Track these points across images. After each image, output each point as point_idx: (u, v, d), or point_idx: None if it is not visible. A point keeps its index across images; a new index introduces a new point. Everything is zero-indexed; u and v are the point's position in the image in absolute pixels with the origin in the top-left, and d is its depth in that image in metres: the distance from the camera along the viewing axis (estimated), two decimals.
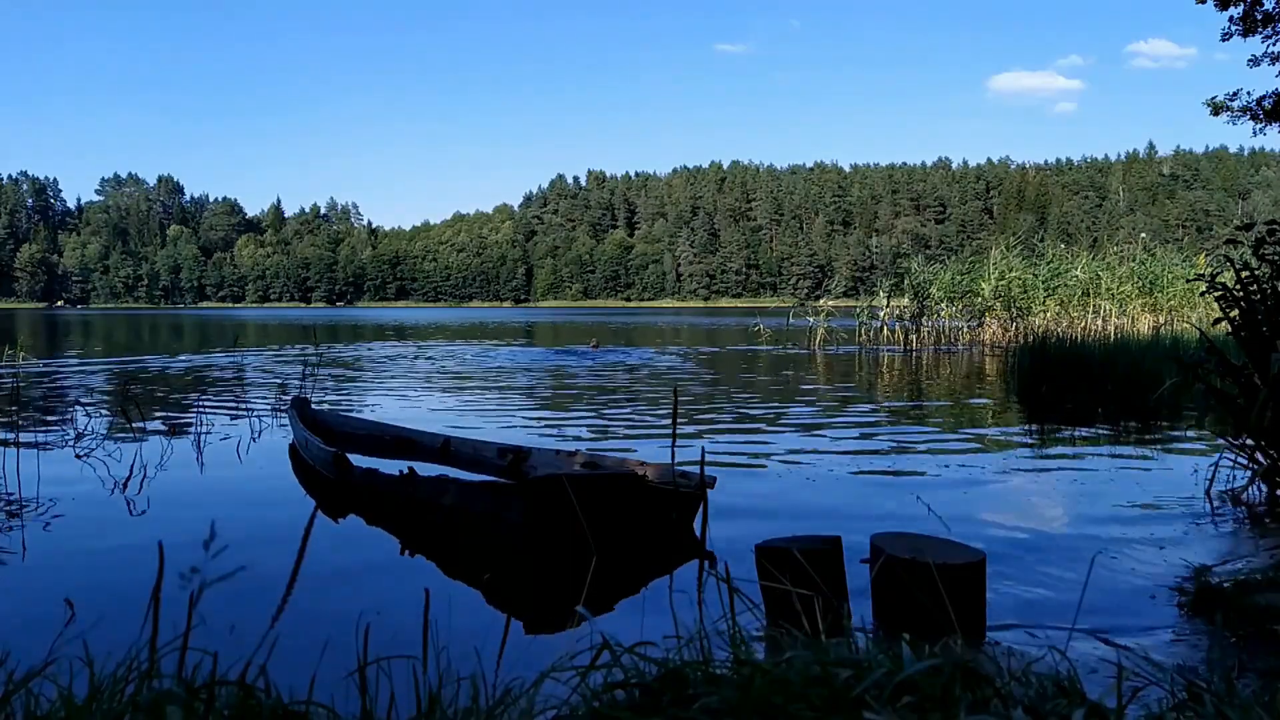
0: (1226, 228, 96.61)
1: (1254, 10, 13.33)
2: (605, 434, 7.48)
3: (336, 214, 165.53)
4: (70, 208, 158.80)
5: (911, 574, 2.72)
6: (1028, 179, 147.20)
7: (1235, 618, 2.88)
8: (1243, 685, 2.24)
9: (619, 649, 1.64)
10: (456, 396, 10.79)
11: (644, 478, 4.38)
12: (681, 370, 14.53)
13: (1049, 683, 1.56)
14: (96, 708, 1.45)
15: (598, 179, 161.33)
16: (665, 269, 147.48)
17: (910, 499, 4.94)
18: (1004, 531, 4.25)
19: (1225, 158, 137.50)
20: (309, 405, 7.34)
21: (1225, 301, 5.22)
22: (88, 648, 1.65)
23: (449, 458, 5.98)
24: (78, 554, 4.00)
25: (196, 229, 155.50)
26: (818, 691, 1.42)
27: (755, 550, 2.99)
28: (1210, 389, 5.30)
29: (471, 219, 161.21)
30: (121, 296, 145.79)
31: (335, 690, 1.66)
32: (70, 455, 6.30)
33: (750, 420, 8.38)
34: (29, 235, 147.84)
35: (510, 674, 1.72)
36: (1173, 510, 4.59)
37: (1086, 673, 1.92)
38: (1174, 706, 1.55)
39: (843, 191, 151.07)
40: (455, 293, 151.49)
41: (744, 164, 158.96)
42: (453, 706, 1.60)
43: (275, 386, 11.54)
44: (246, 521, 4.58)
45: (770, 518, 4.39)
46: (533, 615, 3.37)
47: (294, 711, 1.49)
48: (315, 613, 3.14)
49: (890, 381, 12.92)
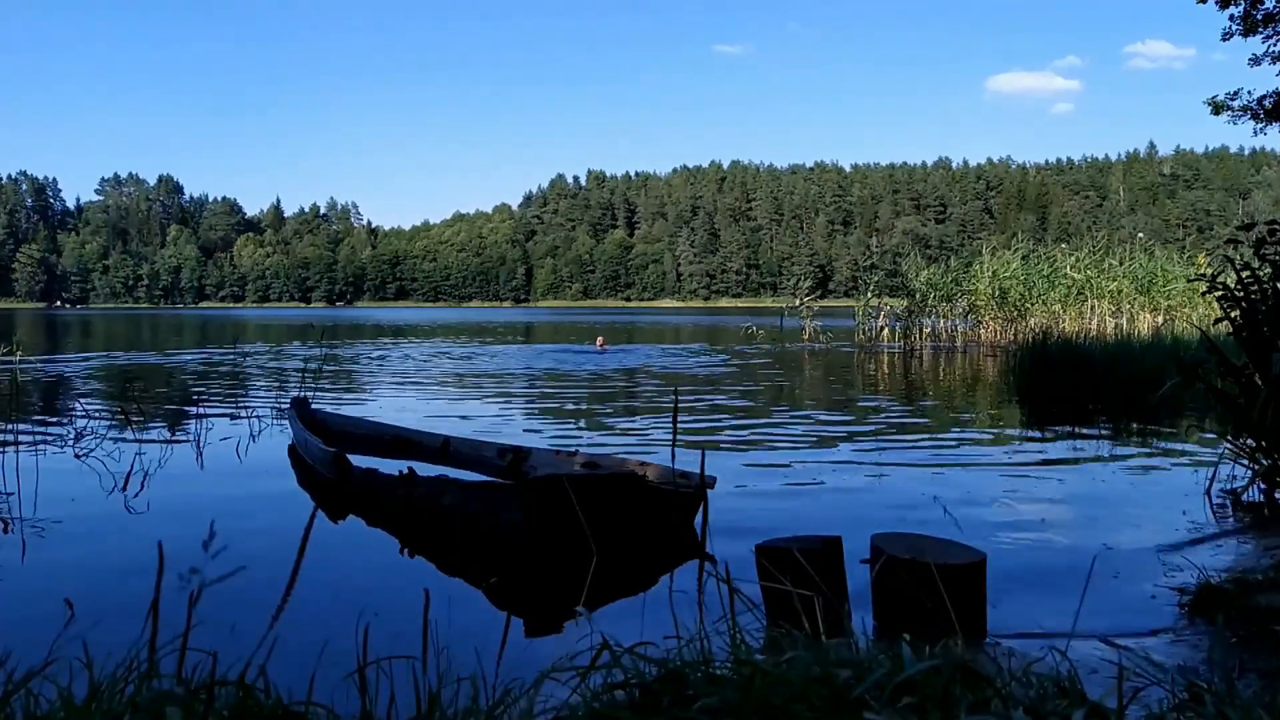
0: (1227, 228, 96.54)
1: (1254, 10, 13.33)
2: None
3: (336, 214, 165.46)
4: (70, 207, 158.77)
5: (912, 574, 2.72)
6: (1028, 179, 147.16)
7: (1236, 618, 2.88)
8: (1243, 685, 2.24)
9: (619, 649, 1.63)
10: (460, 398, 10.78)
11: (644, 478, 4.39)
12: (685, 369, 14.54)
13: (1049, 683, 1.56)
14: (96, 708, 1.44)
15: (598, 179, 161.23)
16: (665, 269, 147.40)
17: (910, 499, 4.94)
18: (1004, 531, 4.25)
19: (1226, 157, 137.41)
20: (308, 405, 7.33)
21: (1226, 301, 5.21)
22: (87, 648, 1.64)
23: (449, 458, 5.97)
24: (77, 554, 3.99)
25: (196, 229, 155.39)
26: (818, 692, 1.42)
27: (755, 550, 2.99)
28: (1211, 389, 5.29)
29: (471, 219, 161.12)
30: (121, 296, 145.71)
31: (335, 690, 1.66)
32: (70, 455, 6.30)
33: (750, 420, 8.37)
34: (28, 235, 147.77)
35: (510, 674, 1.72)
36: (1173, 510, 4.58)
37: (1087, 673, 1.91)
38: (1175, 707, 1.55)
39: (843, 191, 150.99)
40: (455, 293, 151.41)
41: (744, 164, 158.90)
42: (453, 707, 1.59)
43: (275, 386, 11.54)
44: (246, 522, 4.57)
45: (770, 518, 4.38)
46: (533, 615, 3.37)
47: (294, 712, 1.49)
48: (315, 613, 3.14)
49: (889, 381, 12.91)
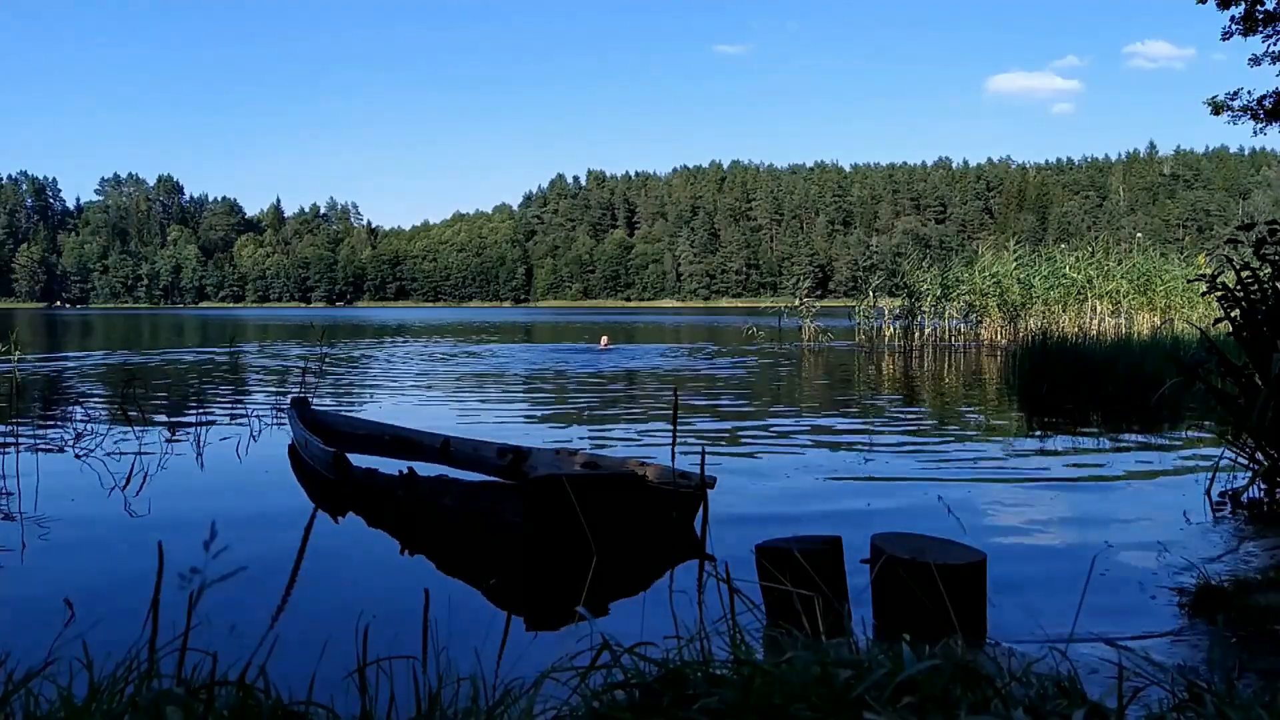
0: (1227, 228, 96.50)
1: (1254, 10, 13.33)
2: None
3: (336, 214, 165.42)
4: (70, 207, 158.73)
5: (912, 574, 2.72)
6: (1028, 179, 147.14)
7: (1236, 618, 2.88)
8: (1243, 685, 2.24)
9: (619, 649, 1.63)
10: (462, 399, 10.78)
11: (644, 478, 4.39)
12: (689, 368, 14.54)
13: (1049, 683, 1.56)
14: (96, 708, 1.44)
15: (598, 179, 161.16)
16: (665, 269, 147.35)
17: (910, 499, 4.94)
18: (1004, 531, 4.25)
19: (1226, 158, 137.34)
20: (308, 405, 7.34)
21: (1226, 301, 5.21)
22: (87, 648, 1.64)
23: (449, 458, 5.98)
24: (77, 554, 3.99)
25: (196, 229, 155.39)
26: (818, 692, 1.42)
27: (755, 550, 2.99)
28: (1211, 389, 5.29)
29: (471, 219, 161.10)
30: (121, 296, 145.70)
31: (335, 690, 1.66)
32: (70, 455, 6.30)
33: (750, 420, 8.37)
34: (28, 235, 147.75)
35: (510, 674, 1.72)
36: (1173, 510, 4.58)
37: (1087, 673, 1.91)
38: (1175, 707, 1.55)
39: (843, 191, 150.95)
40: (455, 293, 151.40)
41: (744, 164, 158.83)
42: (453, 707, 1.59)
43: (275, 386, 11.54)
44: (246, 521, 4.57)
45: (770, 518, 4.39)
46: (533, 615, 3.37)
47: (294, 711, 1.49)
48: (315, 613, 3.14)
49: (889, 381, 12.91)
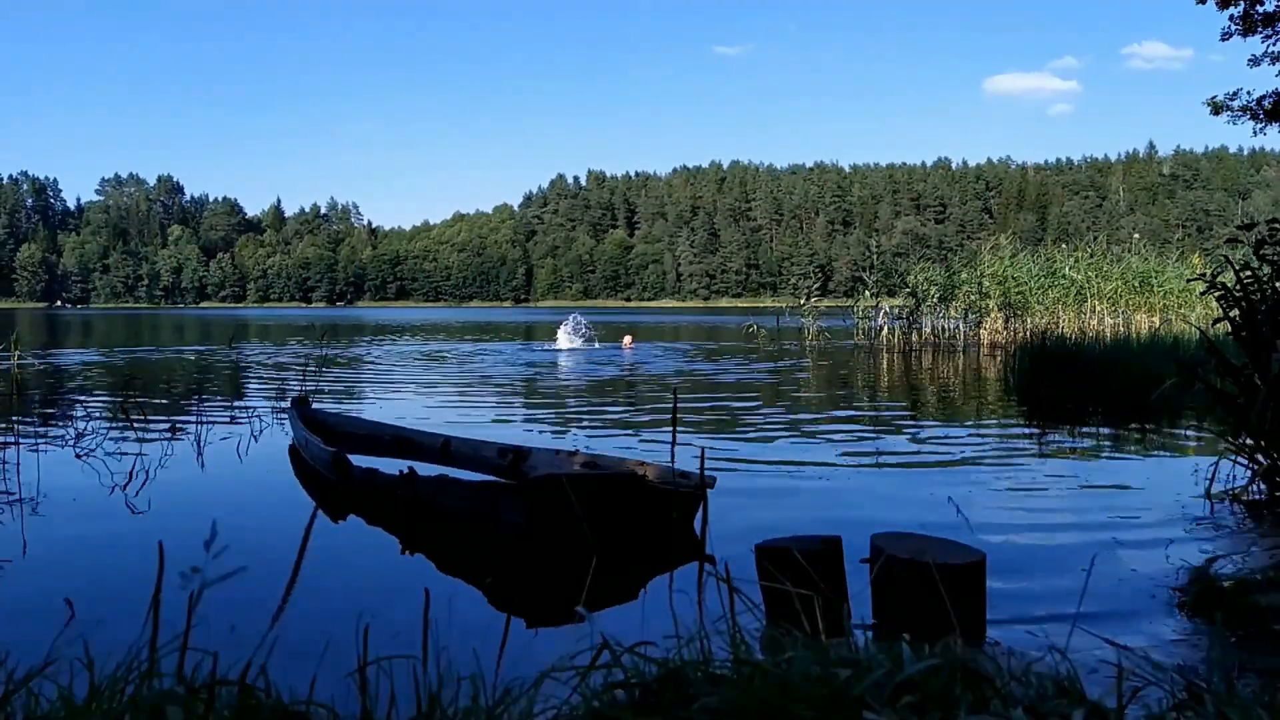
0: (1227, 228, 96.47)
1: (1254, 10, 13.32)
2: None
3: (336, 214, 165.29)
4: (70, 207, 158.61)
5: (912, 574, 2.72)
6: (1027, 179, 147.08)
7: (1235, 618, 2.88)
8: (1243, 685, 2.24)
9: (619, 649, 1.64)
10: (464, 399, 10.77)
11: (644, 478, 4.39)
12: (693, 368, 14.53)
13: (1049, 683, 1.56)
14: (96, 708, 1.45)
15: (598, 179, 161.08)
16: (665, 269, 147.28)
17: (910, 498, 4.94)
18: (1004, 531, 4.25)
19: (1225, 158, 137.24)
20: (309, 405, 7.34)
21: (1226, 301, 5.21)
22: (87, 648, 1.64)
23: (449, 458, 5.97)
24: (78, 554, 4.00)
25: (197, 229, 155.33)
26: (818, 691, 1.42)
27: (755, 550, 2.99)
28: (1210, 389, 5.29)
29: (472, 219, 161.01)
30: (122, 296, 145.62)
31: (335, 690, 1.66)
32: (70, 454, 6.30)
33: (749, 420, 8.37)
34: (29, 235, 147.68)
35: (510, 674, 1.72)
36: (1173, 510, 4.58)
37: (1086, 673, 1.91)
38: (1174, 706, 1.55)
39: (843, 191, 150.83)
40: (455, 293, 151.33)
41: (744, 164, 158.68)
42: (453, 706, 1.60)
43: (275, 386, 11.54)
44: (247, 521, 4.57)
45: (770, 518, 4.38)
46: (533, 615, 3.37)
47: (294, 711, 1.49)
48: (315, 613, 3.14)
49: (889, 381, 12.91)
